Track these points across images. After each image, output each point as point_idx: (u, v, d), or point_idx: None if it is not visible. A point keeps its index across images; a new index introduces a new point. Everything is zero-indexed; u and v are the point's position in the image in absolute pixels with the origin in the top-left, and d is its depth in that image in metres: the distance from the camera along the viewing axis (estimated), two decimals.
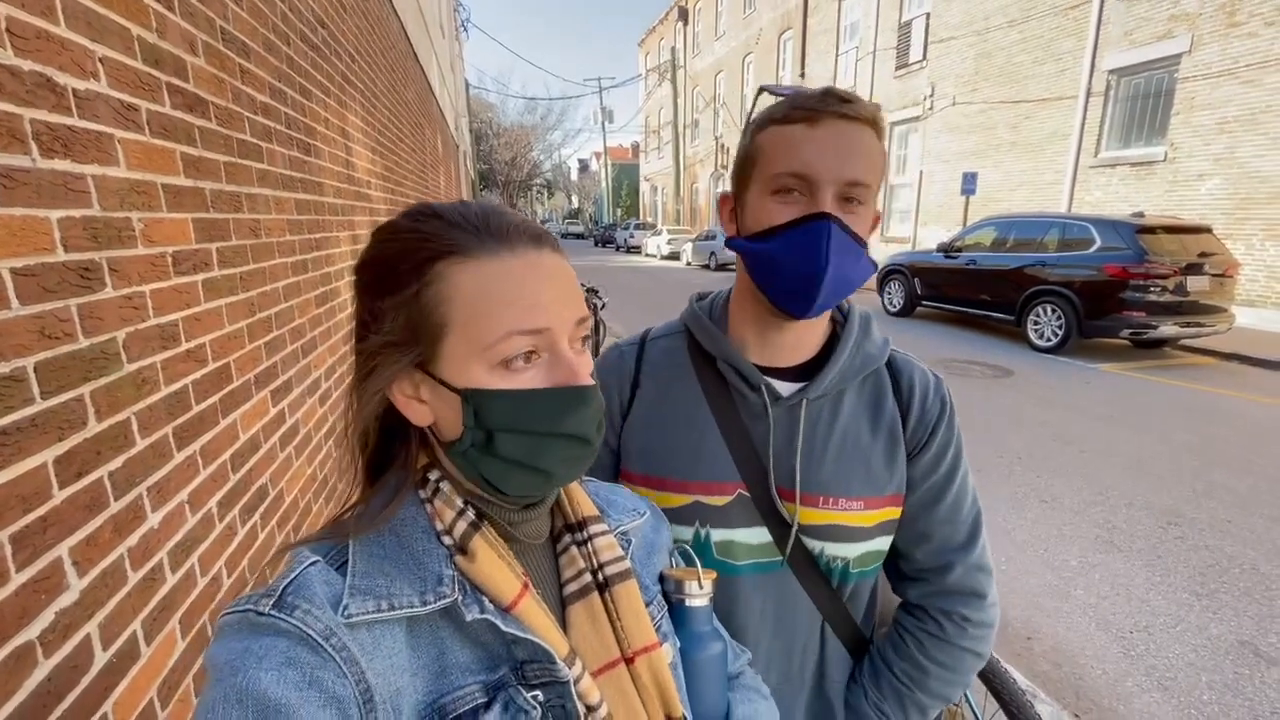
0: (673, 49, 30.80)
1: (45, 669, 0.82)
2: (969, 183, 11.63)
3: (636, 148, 47.93)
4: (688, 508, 0.81)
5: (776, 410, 0.80)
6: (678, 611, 0.66)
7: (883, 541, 0.83)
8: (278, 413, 1.81)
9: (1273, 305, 8.48)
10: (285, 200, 1.98)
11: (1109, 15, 10.15)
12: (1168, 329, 6.61)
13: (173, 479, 1.19)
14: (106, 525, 0.97)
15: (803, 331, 0.82)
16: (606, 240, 34.54)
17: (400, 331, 0.49)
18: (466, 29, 24.39)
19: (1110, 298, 6.63)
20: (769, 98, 0.80)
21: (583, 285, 8.04)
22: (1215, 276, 6.63)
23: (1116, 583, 2.82)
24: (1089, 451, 4.33)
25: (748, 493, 0.80)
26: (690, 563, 0.71)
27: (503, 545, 0.52)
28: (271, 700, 0.39)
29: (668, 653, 0.59)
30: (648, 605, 0.59)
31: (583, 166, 72.89)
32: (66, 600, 0.87)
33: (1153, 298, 6.44)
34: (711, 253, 18.86)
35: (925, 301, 9.49)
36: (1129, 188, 10.08)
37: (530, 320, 0.47)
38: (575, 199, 69.37)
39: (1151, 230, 6.67)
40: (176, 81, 1.31)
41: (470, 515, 0.52)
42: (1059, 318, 7.14)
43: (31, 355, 0.85)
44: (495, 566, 0.50)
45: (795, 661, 0.84)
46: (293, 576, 0.45)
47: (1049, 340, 7.25)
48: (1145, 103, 9.93)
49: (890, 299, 10.15)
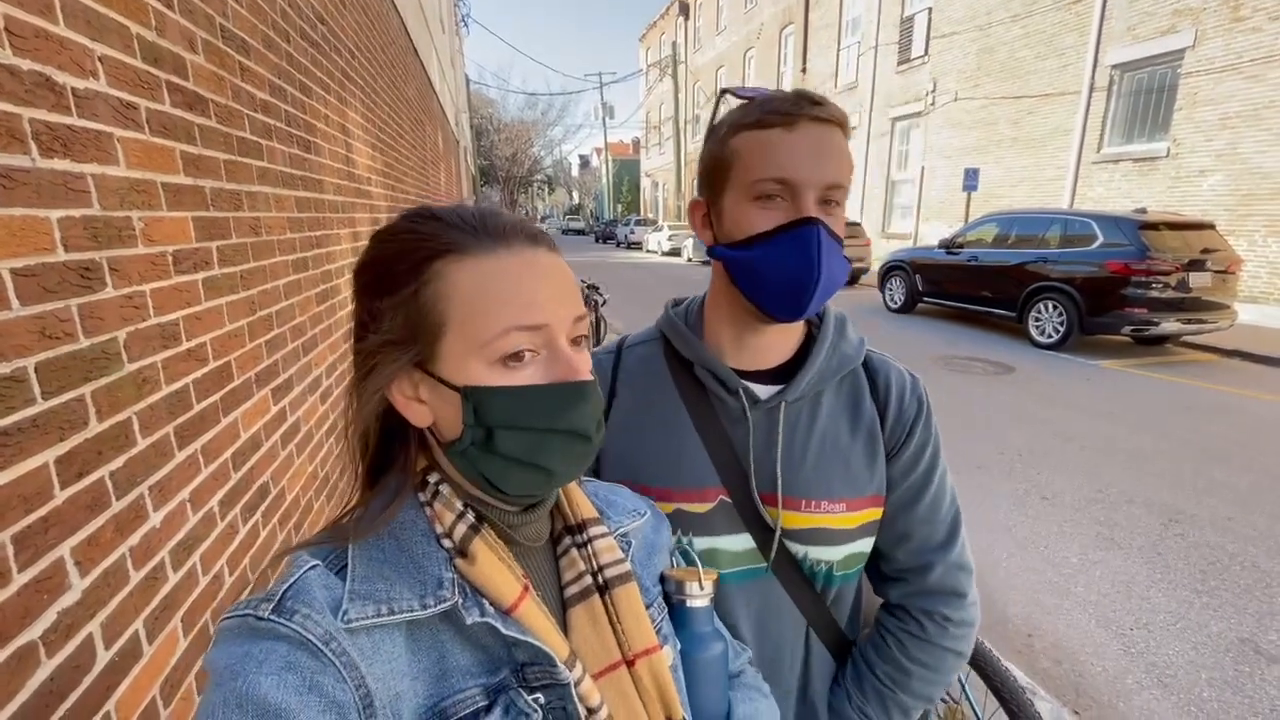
0: (674, 44, 30.72)
1: (48, 668, 0.82)
2: (971, 179, 11.60)
3: (637, 143, 47.82)
4: (670, 516, 0.80)
5: (755, 414, 0.79)
6: (679, 612, 0.66)
7: (865, 543, 0.82)
8: (279, 411, 1.81)
9: (1275, 302, 8.47)
10: (285, 198, 1.98)
11: (1112, 10, 10.10)
12: (1169, 326, 6.60)
13: (174, 478, 1.19)
14: (108, 525, 0.98)
15: (779, 334, 0.82)
16: (607, 236, 34.37)
17: (399, 330, 0.49)
18: (466, 24, 24.32)
19: (1112, 294, 6.62)
20: (734, 103, 0.78)
21: (583, 282, 7.94)
22: (1217, 273, 6.60)
23: (1117, 580, 2.82)
24: (1090, 448, 4.32)
25: (729, 499, 0.79)
26: (691, 563, 0.71)
27: (503, 548, 0.52)
28: (271, 705, 0.39)
29: (668, 655, 0.59)
30: (648, 607, 0.59)
31: (583, 162, 72.76)
32: (68, 600, 0.88)
33: (1155, 294, 6.42)
34: None
35: (926, 298, 9.47)
36: (1131, 184, 10.06)
37: (528, 316, 0.48)
38: (576, 195, 69.27)
39: (1154, 226, 6.65)
40: (176, 80, 1.31)
41: (470, 518, 0.52)
42: (1060, 314, 7.12)
43: (32, 355, 0.85)
44: (495, 569, 0.50)
45: (780, 668, 0.83)
46: (292, 581, 0.45)
47: (1050, 337, 7.24)
48: (1148, 98, 9.89)
49: (891, 295, 10.14)
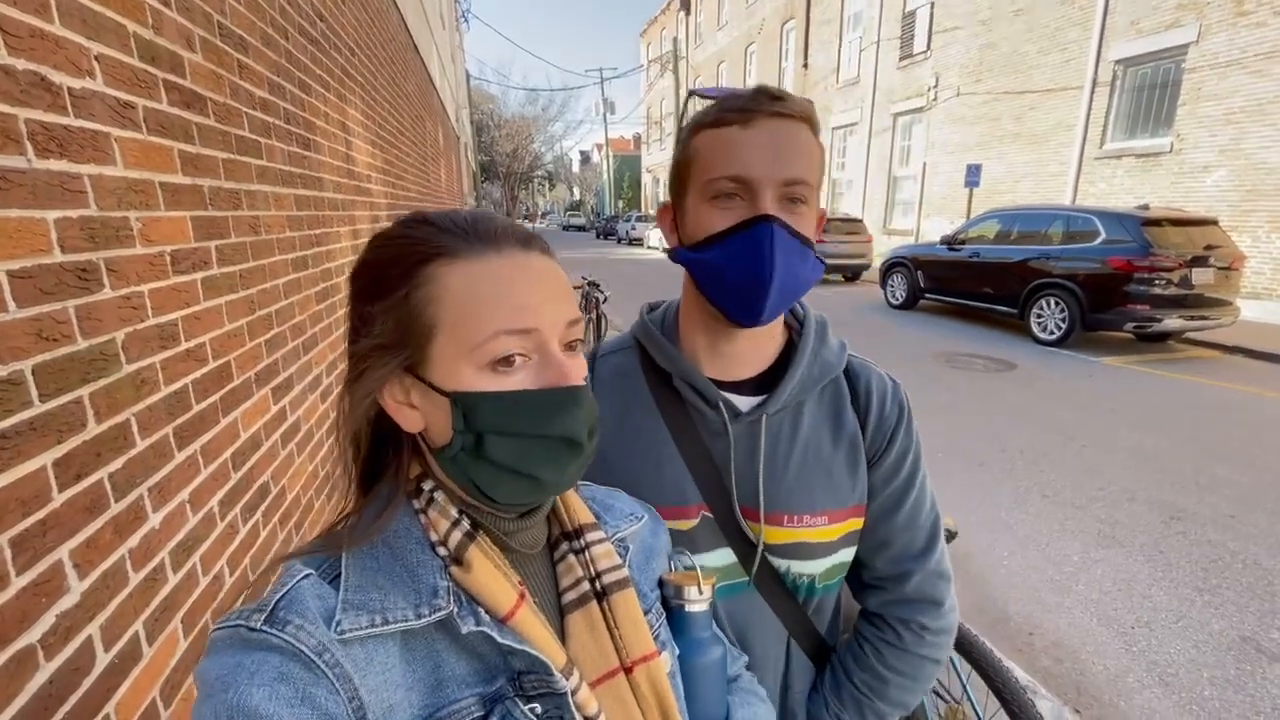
0: (674, 39, 30.59)
1: (46, 672, 0.82)
2: (973, 175, 11.56)
3: (638, 139, 47.74)
4: None
5: (736, 427, 0.77)
6: (677, 617, 0.66)
7: (848, 553, 0.81)
8: (279, 410, 1.80)
9: (1278, 298, 8.43)
10: (285, 196, 1.97)
11: (1115, 4, 10.04)
12: (1172, 322, 6.58)
13: (173, 479, 1.18)
14: (107, 527, 0.97)
15: (757, 341, 0.80)
16: (608, 232, 34.28)
17: (389, 334, 0.49)
18: (467, 20, 24.24)
19: (1115, 291, 6.60)
20: (704, 105, 0.76)
21: (584, 279, 7.90)
22: (1220, 269, 6.58)
23: (1118, 578, 2.81)
24: (1091, 446, 4.32)
25: (711, 514, 0.78)
26: (689, 567, 0.70)
27: (498, 554, 0.52)
28: (263, 717, 0.39)
29: (666, 661, 0.58)
30: (646, 613, 0.58)
31: (584, 158, 72.61)
32: (67, 603, 0.87)
33: (1157, 291, 6.40)
34: None
35: (928, 294, 9.45)
36: (1134, 179, 10.01)
37: (518, 320, 0.47)
38: (577, 191, 69.17)
39: (1157, 223, 6.62)
40: (173, 78, 1.30)
41: (465, 525, 0.51)
42: (1062, 311, 7.11)
43: (29, 358, 0.84)
44: (491, 576, 0.49)
45: (761, 678, 0.82)
46: (285, 591, 0.45)
47: (1052, 334, 7.22)
48: (1151, 93, 9.84)
49: (893, 292, 10.12)
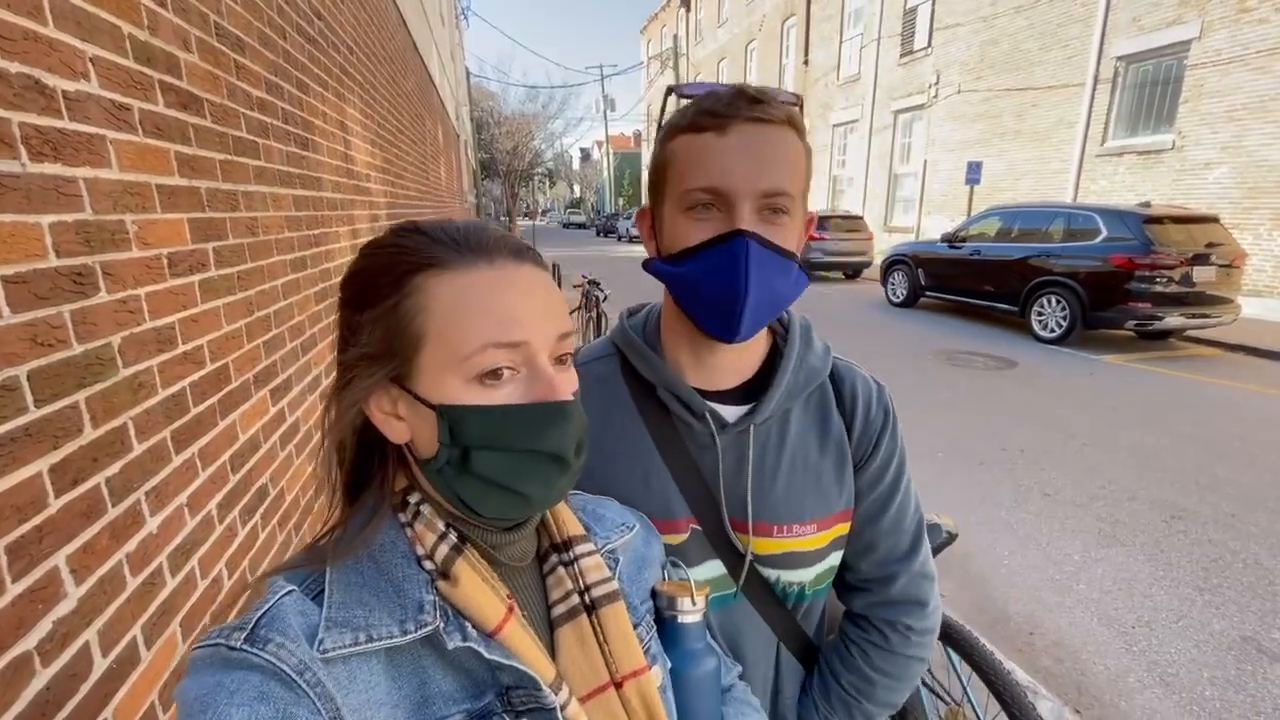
0: (675, 36, 30.53)
1: (44, 678, 0.82)
2: (974, 172, 11.53)
3: (639, 136, 47.65)
4: None
5: (724, 438, 0.76)
6: (670, 628, 0.65)
7: (835, 557, 0.81)
8: (278, 411, 1.80)
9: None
10: (283, 197, 1.97)
11: (1117, 1, 10.00)
12: (1173, 320, 6.57)
13: (171, 482, 1.18)
14: (104, 532, 0.97)
15: (741, 350, 0.77)
16: (608, 230, 34.25)
17: (376, 344, 0.48)
18: (466, 17, 24.18)
19: (1116, 289, 6.59)
20: (685, 103, 0.72)
21: (584, 277, 7.85)
22: (1222, 267, 6.57)
23: (1119, 577, 2.81)
24: (1092, 444, 4.31)
25: (700, 527, 0.77)
26: (683, 577, 0.70)
27: (486, 568, 0.51)
28: None
29: (657, 675, 0.58)
30: (636, 627, 0.58)
31: (585, 155, 72.53)
32: (64, 609, 0.87)
33: (1159, 289, 6.39)
34: None
35: (929, 292, 9.45)
36: (1136, 177, 9.99)
37: (506, 333, 0.47)
38: (577, 188, 69.11)
39: (1158, 220, 6.60)
40: (170, 79, 1.29)
41: (452, 538, 0.50)
42: (1063, 309, 7.10)
43: (24, 363, 0.84)
44: (479, 590, 0.49)
45: (754, 685, 0.82)
46: (266, 608, 0.44)
47: (1053, 331, 7.21)
48: (1153, 90, 9.81)
49: (894, 289, 10.11)
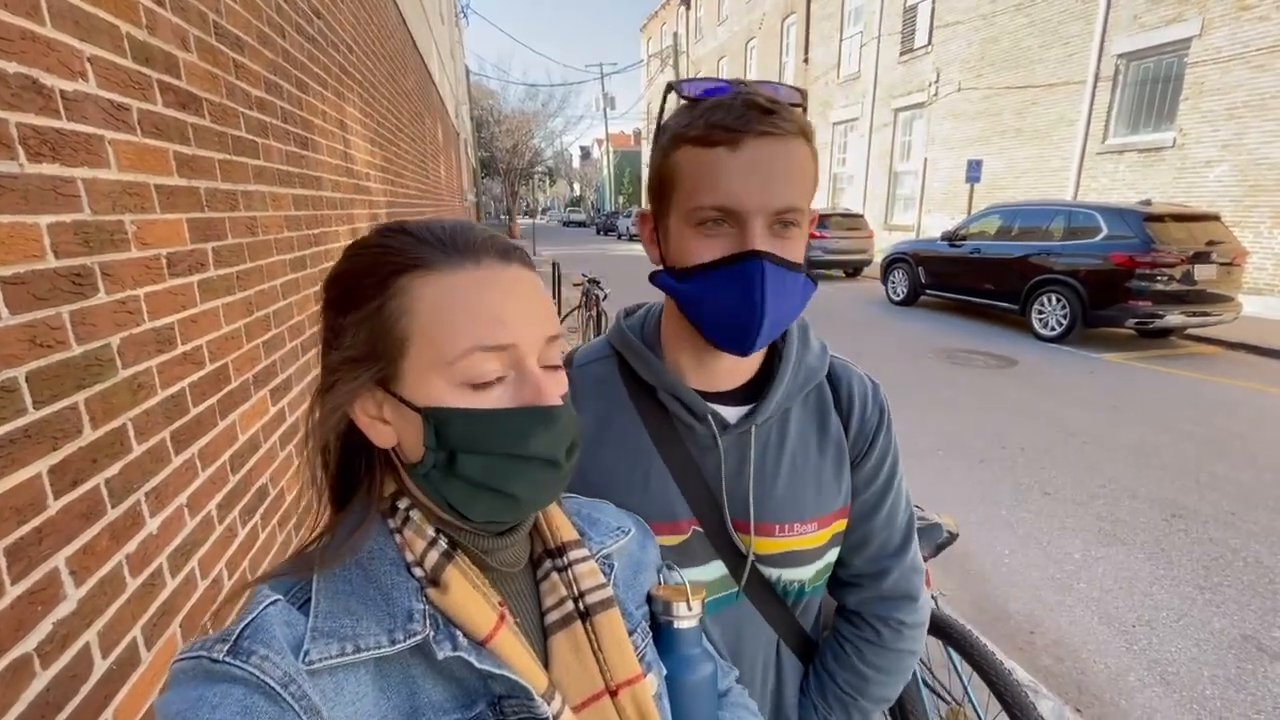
0: (675, 34, 30.49)
1: (43, 680, 0.82)
2: (974, 170, 11.51)
3: (639, 134, 47.61)
4: None
5: (726, 440, 0.76)
6: (666, 633, 0.64)
7: (834, 553, 0.82)
8: (277, 411, 1.80)
9: None
10: (282, 196, 1.96)
11: None
12: (1174, 318, 6.56)
13: (171, 483, 1.18)
14: (104, 533, 0.97)
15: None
16: (608, 228, 34.20)
17: (360, 347, 0.47)
18: (466, 15, 24.13)
19: (1116, 287, 6.57)
20: (686, 103, 0.69)
21: (584, 276, 7.84)
22: (1223, 265, 6.56)
23: (1119, 576, 2.81)
24: (1092, 443, 4.31)
25: (702, 528, 0.77)
26: (678, 581, 0.69)
27: (477, 574, 0.50)
28: None
29: (652, 683, 0.57)
30: (631, 634, 0.57)
31: (585, 154, 72.51)
32: (64, 610, 0.87)
33: (1159, 287, 6.38)
34: None
35: (929, 290, 9.43)
36: (1136, 175, 9.98)
37: (493, 336, 0.46)
38: (577, 186, 69.09)
39: (1159, 218, 6.59)
40: (168, 79, 1.29)
41: (443, 544, 0.49)
42: (1064, 307, 7.09)
43: (23, 365, 0.84)
44: (469, 598, 0.48)
45: (752, 685, 0.82)
46: (250, 619, 0.43)
47: (1053, 330, 7.21)
48: (1154, 88, 9.79)
49: (894, 288, 10.10)
